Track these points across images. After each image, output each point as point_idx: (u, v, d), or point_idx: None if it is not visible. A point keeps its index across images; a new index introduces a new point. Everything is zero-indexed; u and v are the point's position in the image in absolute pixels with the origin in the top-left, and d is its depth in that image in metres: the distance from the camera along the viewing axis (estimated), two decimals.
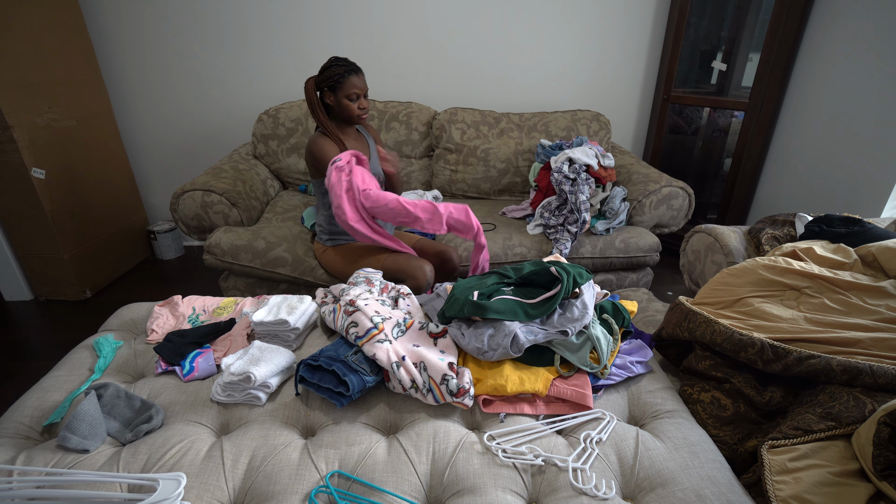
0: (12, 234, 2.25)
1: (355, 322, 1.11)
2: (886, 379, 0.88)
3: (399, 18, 2.52)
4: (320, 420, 0.99)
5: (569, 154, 2.07)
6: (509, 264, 1.67)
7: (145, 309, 1.35)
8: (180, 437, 0.92)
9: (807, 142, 2.28)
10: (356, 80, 1.60)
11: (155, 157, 2.80)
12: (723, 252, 1.52)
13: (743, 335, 1.00)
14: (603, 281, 2.07)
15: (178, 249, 2.90)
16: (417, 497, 0.84)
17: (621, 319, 1.18)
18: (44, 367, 1.43)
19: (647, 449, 0.90)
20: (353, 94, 1.61)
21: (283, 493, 0.83)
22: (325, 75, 1.60)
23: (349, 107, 1.62)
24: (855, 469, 0.79)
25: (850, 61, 2.06)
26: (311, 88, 1.62)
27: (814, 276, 1.14)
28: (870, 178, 1.99)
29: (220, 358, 1.14)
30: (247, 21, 2.49)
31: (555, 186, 2.02)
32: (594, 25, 2.59)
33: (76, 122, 2.34)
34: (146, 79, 2.59)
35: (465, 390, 0.97)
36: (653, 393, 1.05)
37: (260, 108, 2.68)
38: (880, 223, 1.54)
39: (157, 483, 0.80)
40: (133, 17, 2.45)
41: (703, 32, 2.66)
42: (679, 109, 2.78)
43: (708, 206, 2.93)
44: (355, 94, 1.61)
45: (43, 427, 0.97)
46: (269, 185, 2.33)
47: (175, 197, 1.90)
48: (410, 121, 2.42)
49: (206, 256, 1.86)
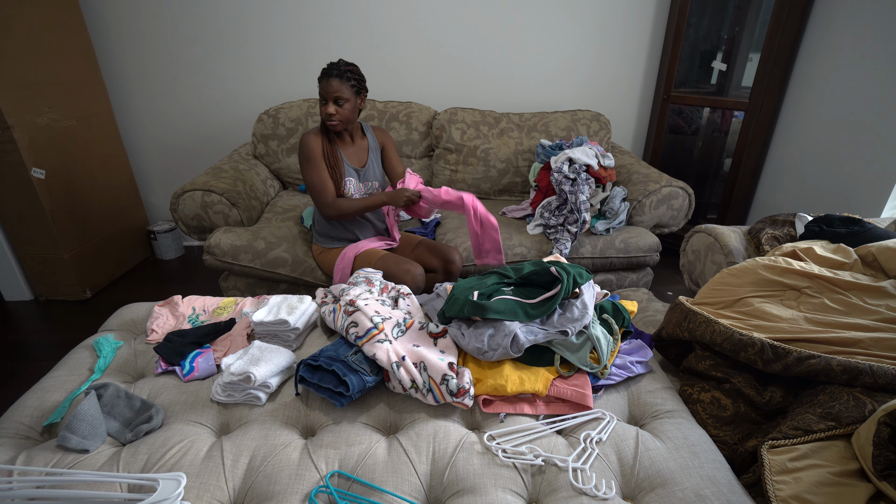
0: (12, 234, 2.25)
1: (355, 322, 1.11)
2: (886, 379, 0.88)
3: (399, 18, 2.52)
4: (320, 420, 0.99)
5: (569, 154, 2.07)
6: (509, 264, 1.67)
7: (145, 309, 1.35)
8: (180, 437, 0.92)
9: (807, 142, 2.28)
10: (324, 84, 1.57)
11: (155, 157, 2.80)
12: (723, 252, 1.52)
13: (743, 335, 1.00)
14: (603, 281, 2.07)
15: (178, 249, 2.90)
16: (417, 497, 0.84)
17: (621, 319, 1.17)
18: (44, 367, 1.43)
19: (647, 449, 0.90)
20: (322, 98, 1.60)
21: (283, 493, 0.83)
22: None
23: (320, 108, 1.61)
24: (855, 469, 0.79)
25: (850, 61, 2.06)
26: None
27: (814, 276, 1.14)
28: (870, 178, 1.99)
29: (220, 358, 1.14)
30: (247, 21, 2.49)
31: (555, 186, 2.02)
32: (594, 25, 2.59)
33: (76, 122, 2.34)
34: (146, 79, 2.59)
35: (465, 390, 0.97)
36: (653, 393, 1.05)
37: (260, 108, 2.68)
38: (880, 223, 1.54)
39: (157, 483, 0.80)
40: (133, 17, 2.45)
41: (703, 32, 2.66)
42: (679, 109, 2.78)
43: (708, 206, 2.93)
44: (322, 98, 1.60)
45: (43, 427, 0.97)
46: (269, 185, 2.33)
47: (175, 197, 1.90)
48: (410, 121, 2.42)
49: (206, 257, 1.86)
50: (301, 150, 1.63)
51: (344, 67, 1.57)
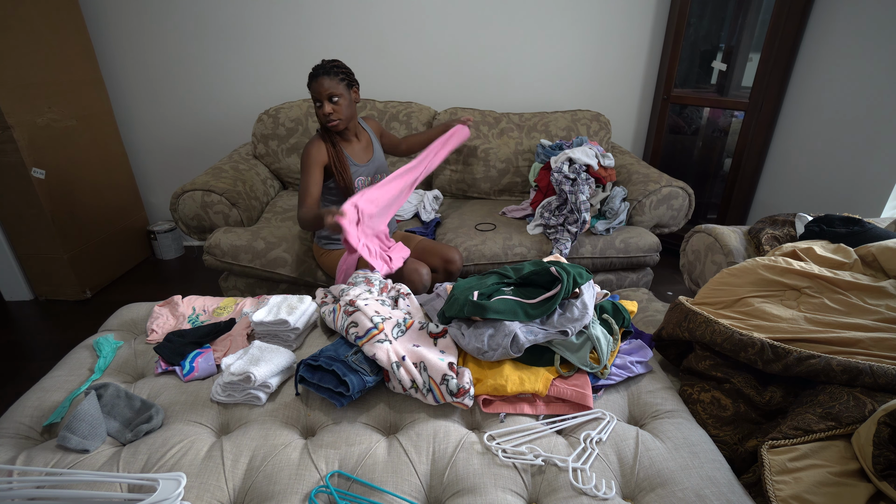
0: (12, 234, 2.25)
1: (355, 322, 1.11)
2: (886, 379, 0.88)
3: (399, 18, 2.52)
4: (320, 420, 0.99)
5: (569, 154, 2.07)
6: (509, 264, 1.67)
7: (145, 309, 1.35)
8: (180, 437, 0.92)
9: (807, 142, 2.28)
10: (315, 85, 1.55)
11: (155, 157, 2.80)
12: (723, 252, 1.52)
13: (743, 335, 1.00)
14: (603, 281, 2.07)
15: (178, 249, 2.90)
16: (417, 497, 0.84)
17: (621, 319, 1.17)
18: (44, 367, 1.42)
19: (647, 449, 0.90)
20: (316, 100, 1.58)
21: (283, 493, 0.83)
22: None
23: (317, 113, 1.60)
24: (855, 469, 0.79)
25: (849, 61, 2.06)
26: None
27: (814, 276, 1.14)
28: (870, 178, 1.99)
29: (220, 358, 1.14)
30: (247, 21, 2.48)
31: (555, 186, 2.02)
32: (594, 25, 2.59)
33: (76, 122, 2.34)
34: (146, 79, 2.59)
35: (465, 390, 0.97)
36: (653, 393, 1.05)
37: (260, 108, 2.68)
38: (880, 223, 1.54)
39: (157, 483, 0.80)
40: (133, 17, 2.45)
41: (703, 32, 2.66)
42: (679, 109, 2.78)
43: (708, 206, 2.93)
44: (317, 100, 1.58)
45: (43, 427, 0.97)
46: (269, 185, 2.33)
47: (175, 197, 1.90)
48: (410, 121, 2.42)
49: (206, 257, 1.86)
50: (302, 156, 1.62)
51: (329, 64, 1.56)
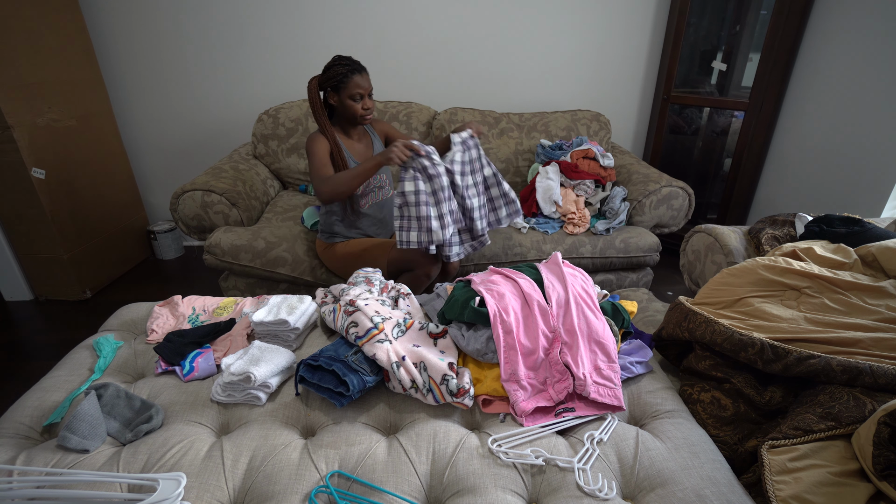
0: (12, 234, 2.25)
1: (355, 322, 1.11)
2: (886, 379, 0.88)
3: (399, 18, 2.52)
4: (320, 420, 0.99)
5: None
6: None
7: (145, 309, 1.35)
8: (180, 437, 0.92)
9: (807, 142, 2.28)
10: (359, 79, 1.54)
11: (155, 157, 2.80)
12: (723, 252, 1.52)
13: (743, 335, 1.00)
14: (603, 281, 2.07)
15: (178, 249, 2.90)
16: (417, 497, 0.84)
17: (621, 320, 1.17)
18: (44, 367, 1.42)
19: (648, 449, 0.90)
20: (357, 95, 1.56)
21: (283, 493, 0.83)
22: (328, 75, 1.56)
23: (352, 107, 1.57)
24: (855, 469, 0.79)
25: (850, 61, 2.06)
26: (314, 88, 1.58)
27: (814, 276, 1.13)
28: (870, 178, 1.99)
29: (220, 358, 1.14)
30: (246, 21, 2.48)
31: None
32: (594, 25, 2.59)
33: (76, 122, 2.34)
34: (146, 79, 2.59)
35: (465, 390, 0.97)
36: (653, 393, 1.05)
37: (260, 108, 2.68)
38: (880, 223, 1.54)
39: (157, 483, 0.80)
40: (133, 17, 2.45)
41: (703, 32, 2.66)
42: (679, 109, 2.78)
43: (708, 206, 2.93)
44: (359, 95, 1.56)
45: (43, 427, 0.97)
46: (269, 185, 2.33)
47: (175, 197, 1.90)
48: (410, 121, 2.42)
49: (206, 256, 1.85)
50: (307, 146, 1.59)
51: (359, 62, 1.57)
